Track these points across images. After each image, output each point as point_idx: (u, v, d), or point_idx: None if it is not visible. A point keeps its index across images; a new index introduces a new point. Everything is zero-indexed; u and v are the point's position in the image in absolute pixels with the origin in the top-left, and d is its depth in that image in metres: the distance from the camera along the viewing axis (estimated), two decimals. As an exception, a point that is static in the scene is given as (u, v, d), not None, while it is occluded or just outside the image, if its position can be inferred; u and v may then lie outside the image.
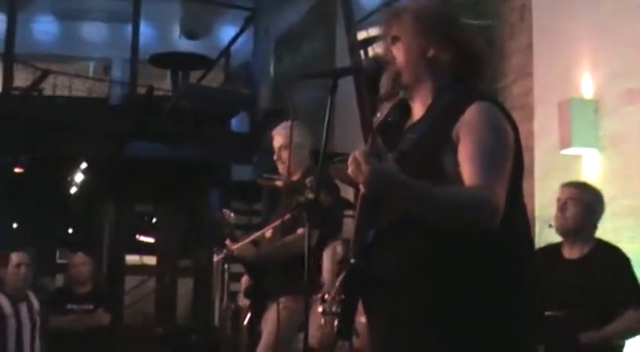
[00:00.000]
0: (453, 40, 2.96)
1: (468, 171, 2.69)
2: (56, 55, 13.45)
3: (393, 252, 2.80)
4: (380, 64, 3.07)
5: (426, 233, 2.71)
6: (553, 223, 5.17)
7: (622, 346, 4.95)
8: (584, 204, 5.06)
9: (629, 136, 5.90)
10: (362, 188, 2.67)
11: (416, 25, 2.97)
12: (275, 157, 5.90)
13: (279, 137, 5.90)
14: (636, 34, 5.90)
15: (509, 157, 2.77)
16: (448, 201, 2.66)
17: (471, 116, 2.77)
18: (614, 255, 4.96)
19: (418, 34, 2.96)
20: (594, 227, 5.08)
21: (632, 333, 4.89)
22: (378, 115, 3.00)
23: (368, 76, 3.31)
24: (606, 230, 5.26)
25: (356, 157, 2.59)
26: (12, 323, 7.42)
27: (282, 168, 5.89)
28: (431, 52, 2.95)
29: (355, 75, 6.03)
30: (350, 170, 2.62)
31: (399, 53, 2.98)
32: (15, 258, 7.60)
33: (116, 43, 12.73)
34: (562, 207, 5.07)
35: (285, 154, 5.82)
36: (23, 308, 7.56)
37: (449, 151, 2.75)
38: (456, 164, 2.73)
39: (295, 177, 5.77)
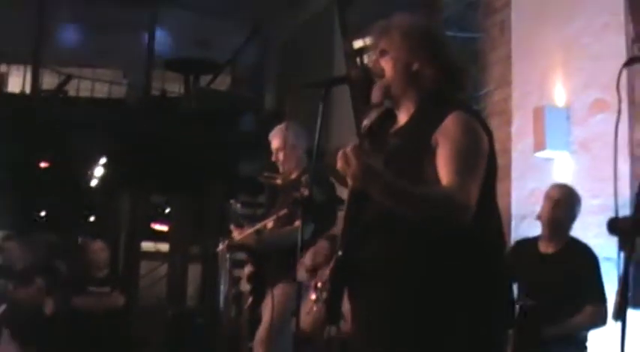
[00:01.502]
0: (437, 56, 2.98)
1: (444, 172, 2.73)
2: (79, 60, 13.46)
3: (376, 245, 2.84)
4: (368, 75, 3.10)
5: (406, 228, 2.74)
6: (539, 216, 5.21)
7: (585, 338, 5.00)
8: (571, 206, 5.14)
9: (597, 141, 5.92)
10: (349, 181, 2.71)
11: (403, 41, 2.99)
12: (274, 158, 5.92)
13: (275, 140, 5.90)
14: (603, 49, 5.92)
15: (482, 161, 2.80)
16: (425, 198, 2.70)
17: (448, 124, 2.80)
18: (585, 253, 5.01)
19: (405, 50, 2.98)
20: (569, 225, 5.14)
21: (588, 327, 4.94)
22: (366, 121, 3.03)
23: (358, 85, 3.33)
24: (576, 227, 5.29)
25: (346, 153, 2.62)
26: None
27: (281, 168, 5.91)
28: (416, 66, 2.96)
29: (347, 84, 6.05)
30: (339, 164, 2.65)
31: (387, 66, 3.00)
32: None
33: (135, 49, 12.72)
34: (555, 205, 5.12)
35: (281, 155, 5.84)
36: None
37: (429, 156, 2.78)
38: (434, 167, 2.76)
39: (293, 176, 5.80)
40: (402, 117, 3.02)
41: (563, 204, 5.13)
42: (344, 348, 4.54)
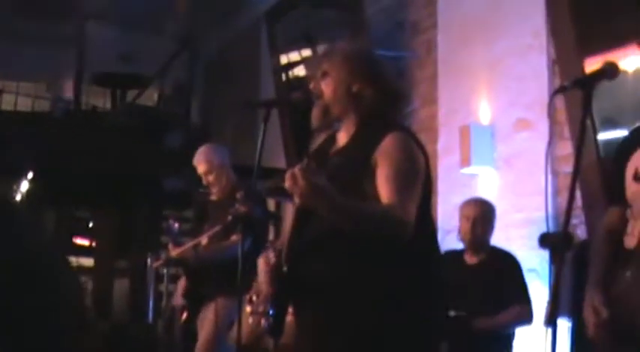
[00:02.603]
0: (376, 79, 3.12)
1: (384, 191, 2.87)
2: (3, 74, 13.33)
3: (319, 260, 2.96)
4: (307, 97, 3.23)
5: (348, 243, 2.87)
6: (458, 237, 5.41)
7: (512, 336, 5.19)
8: (489, 221, 5.34)
9: (520, 158, 6.11)
10: (297, 200, 2.80)
11: (344, 64, 3.12)
12: (204, 182, 5.98)
13: (200, 165, 5.97)
14: (526, 69, 6.13)
15: (419, 179, 2.96)
16: (368, 215, 2.85)
17: (387, 144, 2.94)
18: (507, 260, 5.22)
19: (345, 72, 3.11)
20: (489, 236, 5.35)
21: (515, 324, 5.11)
22: (313, 144, 3.15)
23: (295, 107, 3.46)
24: (500, 239, 5.48)
25: (294, 174, 2.73)
26: None
27: (213, 189, 5.97)
28: (355, 88, 3.09)
29: (283, 106, 6.15)
30: (287, 183, 2.75)
31: (327, 88, 3.12)
32: None
33: (60, 62, 12.67)
34: (473, 224, 5.30)
35: (211, 178, 5.92)
36: None
37: (368, 175, 2.91)
38: (374, 186, 2.89)
39: (226, 191, 5.88)
40: (342, 137, 3.15)
41: (479, 222, 5.32)
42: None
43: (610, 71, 2.64)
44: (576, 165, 2.53)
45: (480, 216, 5.32)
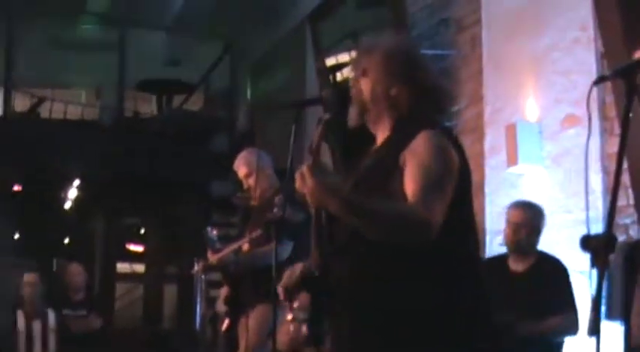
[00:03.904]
0: (417, 80, 2.97)
1: (410, 190, 2.70)
2: (52, 82, 13.44)
3: (347, 266, 2.83)
4: (341, 96, 3.10)
5: (376, 247, 2.72)
6: (502, 241, 5.24)
7: (560, 345, 5.01)
8: (533, 227, 5.14)
9: (569, 156, 5.94)
10: (308, 199, 2.69)
11: (384, 64, 2.98)
12: (245, 186, 5.95)
13: (240, 168, 5.98)
14: (573, 64, 5.96)
15: (449, 178, 2.76)
16: (384, 213, 2.67)
17: (417, 143, 2.78)
18: (555, 268, 5.03)
19: (385, 73, 2.97)
20: (537, 241, 5.16)
21: (560, 332, 4.95)
22: (313, 138, 3.01)
23: (331, 105, 3.32)
24: (549, 240, 5.31)
25: (302, 172, 2.63)
26: (22, 339, 7.50)
27: (254, 192, 5.93)
28: (394, 91, 2.95)
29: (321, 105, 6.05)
30: (297, 183, 2.67)
31: (365, 86, 2.99)
32: (25, 278, 7.70)
33: (107, 69, 12.72)
34: (515, 231, 5.13)
35: (251, 181, 5.88)
36: (37, 325, 7.63)
37: (397, 176, 2.76)
38: (401, 186, 2.74)
39: (267, 195, 5.81)
40: (380, 138, 3.02)
41: (523, 227, 5.12)
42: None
43: (654, 59, 2.45)
44: (619, 163, 2.35)
45: (525, 221, 5.13)
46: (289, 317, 5.48)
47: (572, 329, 4.88)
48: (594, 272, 2.29)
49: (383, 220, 2.67)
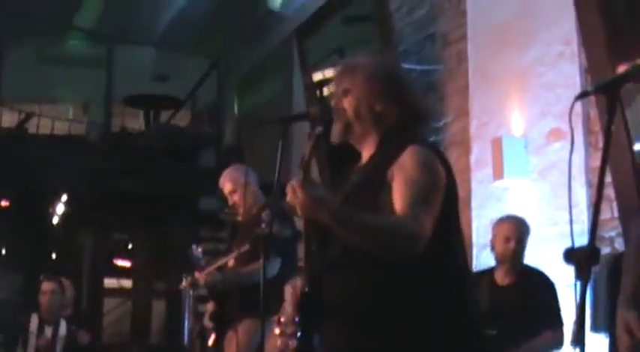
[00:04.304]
0: (400, 97, 3.01)
1: (398, 204, 2.74)
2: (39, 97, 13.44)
3: (338, 281, 2.85)
4: (328, 112, 3.12)
5: (367, 261, 2.76)
6: (496, 256, 5.28)
7: None
8: (522, 240, 5.19)
9: (555, 169, 5.98)
10: (299, 213, 2.72)
11: (367, 83, 3.01)
12: (230, 202, 5.98)
13: (226, 185, 6.01)
14: (558, 78, 6.00)
15: (437, 193, 2.80)
16: (375, 228, 2.71)
17: (404, 158, 2.82)
18: (540, 281, 5.09)
19: (369, 91, 3.00)
20: (524, 254, 5.20)
21: (549, 348, 4.99)
22: (303, 154, 3.03)
23: (318, 121, 3.34)
24: (535, 254, 5.35)
25: (293, 186, 2.66)
26: (33, 340, 7.54)
27: (239, 210, 5.96)
28: (378, 108, 2.99)
29: (309, 121, 6.10)
30: (289, 197, 2.69)
31: (349, 106, 3.01)
32: (44, 286, 7.75)
33: (93, 85, 12.73)
34: (507, 241, 5.19)
35: (236, 197, 5.92)
36: (48, 331, 7.64)
37: (385, 191, 2.80)
38: (390, 201, 2.77)
39: (253, 212, 5.84)
40: (365, 155, 3.05)
41: (514, 240, 5.19)
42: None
43: (635, 73, 2.48)
44: (601, 176, 2.38)
45: (514, 235, 5.19)
46: (277, 331, 5.51)
47: (560, 343, 4.92)
48: (579, 284, 2.31)
49: (373, 233, 2.71)
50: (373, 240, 2.71)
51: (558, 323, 4.92)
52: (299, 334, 2.92)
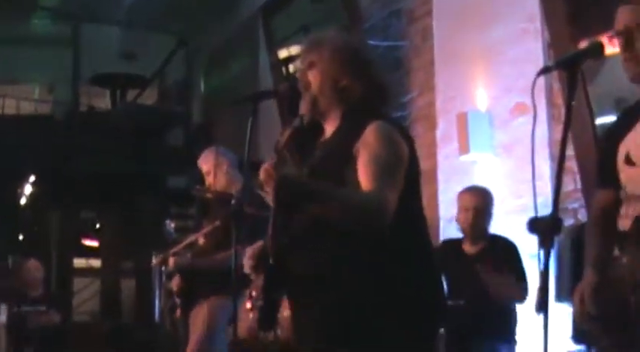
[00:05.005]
0: (365, 73, 3.06)
1: (363, 178, 2.81)
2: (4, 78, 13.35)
3: (305, 254, 2.91)
4: (295, 89, 3.18)
5: (334, 233, 2.83)
6: (457, 226, 5.39)
7: (513, 325, 5.16)
8: (484, 210, 5.30)
9: (519, 144, 6.08)
10: (272, 194, 2.79)
11: (333, 57, 3.06)
12: (207, 182, 6.02)
13: (202, 166, 6.06)
14: (521, 54, 6.10)
15: (400, 168, 2.88)
16: (344, 201, 2.80)
17: (368, 134, 2.88)
18: (505, 247, 5.21)
19: (334, 65, 3.05)
20: (488, 225, 5.31)
21: (511, 295, 5.11)
22: (280, 139, 3.10)
23: (286, 98, 3.41)
24: (500, 226, 5.46)
25: (266, 168, 2.74)
26: None
27: (215, 187, 5.99)
28: (343, 82, 3.04)
29: (277, 98, 6.15)
30: (261, 177, 2.78)
31: (314, 79, 3.07)
32: None
33: (60, 64, 12.65)
34: (473, 214, 5.30)
35: (210, 178, 5.96)
36: None
37: (350, 165, 2.86)
38: (356, 176, 2.84)
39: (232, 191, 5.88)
40: (329, 130, 3.10)
41: (478, 211, 5.31)
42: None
43: (594, 50, 2.58)
44: (562, 150, 2.48)
45: (479, 205, 5.29)
46: (248, 305, 5.60)
47: (522, 294, 5.03)
48: (542, 253, 2.41)
49: (342, 208, 2.80)
50: (342, 215, 2.80)
51: (522, 278, 5.05)
52: (261, 305, 3.01)
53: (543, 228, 2.37)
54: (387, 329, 2.84)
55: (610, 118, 5.20)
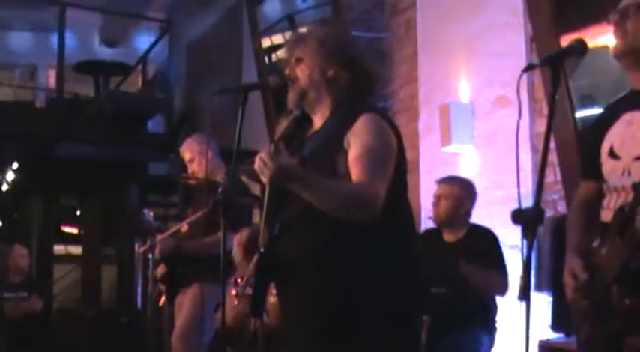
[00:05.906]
0: (351, 63, 3.15)
1: (354, 170, 2.90)
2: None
3: (296, 241, 2.98)
4: (284, 82, 3.26)
5: (322, 223, 2.90)
6: (431, 216, 5.46)
7: (493, 313, 5.26)
8: (453, 198, 5.34)
9: (500, 136, 6.16)
10: (267, 182, 2.87)
11: (319, 49, 3.14)
12: (189, 170, 6.06)
13: (185, 153, 6.09)
14: (504, 47, 6.17)
15: (390, 159, 2.97)
16: (336, 192, 2.88)
17: (359, 125, 2.97)
18: (484, 236, 5.26)
19: (321, 57, 3.13)
20: (467, 214, 5.36)
21: (491, 286, 5.15)
22: (278, 130, 3.18)
23: (273, 90, 3.47)
24: (481, 216, 5.52)
25: (261, 157, 2.81)
26: None
27: (198, 174, 6.04)
28: (331, 73, 3.12)
29: (262, 89, 6.20)
30: (256, 167, 2.83)
31: (302, 74, 3.14)
32: None
33: (41, 50, 12.64)
34: (435, 203, 5.37)
35: (194, 165, 6.01)
36: None
37: (342, 156, 2.94)
38: (347, 167, 2.92)
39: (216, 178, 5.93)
40: (318, 122, 3.17)
41: (443, 201, 5.35)
42: (268, 340, 4.70)
43: (578, 48, 2.67)
44: (546, 143, 2.56)
45: (442, 194, 5.34)
46: (233, 292, 5.66)
47: (503, 287, 5.10)
48: (525, 243, 2.49)
49: (334, 198, 2.87)
50: (334, 204, 2.87)
51: (502, 270, 5.10)
52: (252, 292, 3.08)
53: (527, 218, 2.46)
54: (372, 315, 2.92)
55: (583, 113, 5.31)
